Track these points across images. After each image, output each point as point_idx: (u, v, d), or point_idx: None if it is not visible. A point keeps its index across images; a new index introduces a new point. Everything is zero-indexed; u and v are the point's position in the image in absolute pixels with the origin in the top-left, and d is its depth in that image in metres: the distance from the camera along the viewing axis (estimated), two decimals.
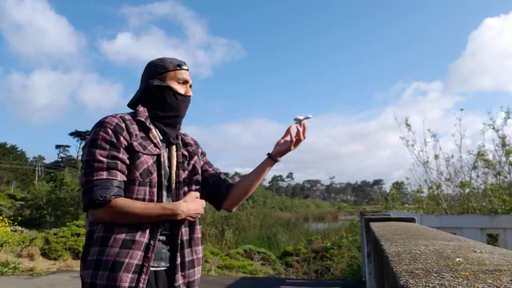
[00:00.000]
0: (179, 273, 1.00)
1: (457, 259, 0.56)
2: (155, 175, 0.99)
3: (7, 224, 7.12)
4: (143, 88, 1.08)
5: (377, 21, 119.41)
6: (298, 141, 1.12)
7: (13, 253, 5.86)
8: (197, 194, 1.06)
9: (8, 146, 39.38)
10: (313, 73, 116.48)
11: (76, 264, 5.76)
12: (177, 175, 1.05)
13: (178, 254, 1.01)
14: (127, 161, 0.96)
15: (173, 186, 1.04)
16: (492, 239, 3.76)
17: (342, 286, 4.73)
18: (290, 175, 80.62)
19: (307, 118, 1.12)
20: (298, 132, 1.11)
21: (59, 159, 50.07)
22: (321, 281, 5.57)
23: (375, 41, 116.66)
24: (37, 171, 39.28)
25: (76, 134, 49.94)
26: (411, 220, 1.88)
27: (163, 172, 1.00)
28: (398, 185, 8.00)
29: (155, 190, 0.98)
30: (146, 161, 0.98)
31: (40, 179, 23.65)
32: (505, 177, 5.21)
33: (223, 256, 7.49)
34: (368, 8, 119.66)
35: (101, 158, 0.93)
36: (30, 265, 5.30)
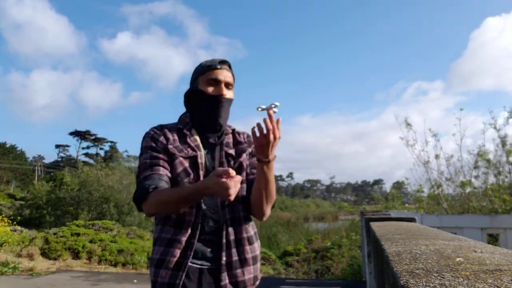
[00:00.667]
0: (225, 272, 1.00)
1: (458, 259, 0.56)
2: (193, 175, 1.02)
3: (6, 224, 7.12)
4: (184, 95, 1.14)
5: (377, 21, 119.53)
6: (268, 133, 0.95)
7: (12, 253, 5.86)
8: (239, 178, 0.93)
9: (7, 145, 39.41)
10: (313, 72, 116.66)
11: (76, 264, 5.76)
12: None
13: (224, 253, 1.00)
14: (168, 160, 1.03)
15: None
16: (493, 239, 3.76)
17: (342, 286, 4.73)
18: (290, 175, 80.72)
19: (273, 106, 0.96)
20: (268, 129, 0.95)
21: (59, 159, 50.08)
22: (321, 281, 5.57)
23: (376, 40, 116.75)
24: (36, 171, 39.32)
25: (76, 133, 49.94)
26: (412, 220, 1.88)
27: (201, 172, 1.03)
28: (398, 185, 8.00)
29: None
30: (182, 162, 1.03)
31: (40, 179, 23.66)
32: (506, 176, 5.21)
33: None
34: (369, 8, 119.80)
35: (146, 161, 1.04)
36: (29, 265, 5.30)
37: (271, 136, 0.96)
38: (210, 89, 1.07)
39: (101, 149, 50.21)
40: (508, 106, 5.39)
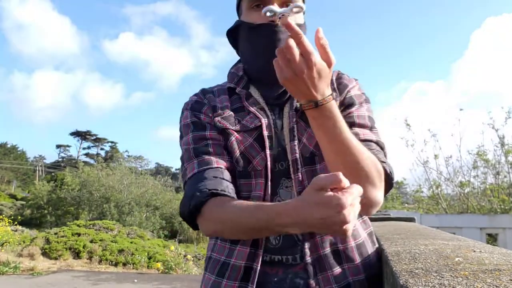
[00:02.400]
0: None
1: (457, 259, 0.57)
2: (258, 158, 0.65)
3: (7, 224, 7.13)
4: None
5: (378, 21, 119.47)
6: (294, 62, 0.51)
7: (13, 253, 5.87)
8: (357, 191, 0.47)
9: (8, 146, 39.42)
10: None
11: (77, 264, 5.77)
12: (292, 152, 0.65)
13: (312, 281, 0.61)
14: (221, 139, 0.67)
15: (291, 169, 0.65)
16: (492, 239, 3.76)
17: None
18: None
19: (292, 9, 0.55)
20: (288, 48, 0.50)
21: (60, 159, 50.08)
22: None
23: (377, 40, 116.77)
24: (37, 171, 39.31)
25: (76, 134, 49.94)
26: (411, 219, 1.88)
27: (268, 152, 0.64)
28: (397, 185, 8.00)
29: (262, 181, 0.64)
30: (240, 140, 0.66)
31: (41, 179, 23.67)
32: (505, 176, 5.22)
33: None
34: (369, 8, 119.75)
35: (188, 147, 0.67)
36: (30, 265, 5.30)
37: (297, 58, 0.50)
38: (255, 17, 0.67)
39: (101, 149, 50.22)
40: (507, 106, 5.39)
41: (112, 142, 49.62)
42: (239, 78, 0.73)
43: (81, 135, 49.74)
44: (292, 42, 0.50)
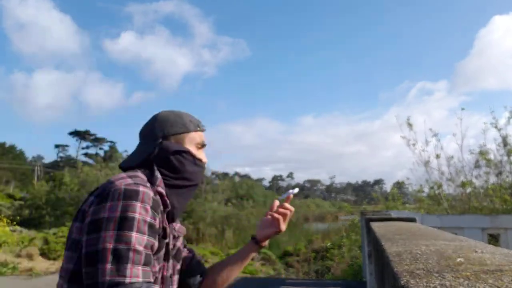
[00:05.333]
0: None
1: (458, 259, 0.56)
2: (161, 268, 0.75)
3: (6, 224, 7.12)
4: (155, 148, 0.80)
5: (382, 20, 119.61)
6: (285, 217, 0.91)
7: (12, 253, 5.86)
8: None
9: (7, 145, 39.47)
10: (316, 72, 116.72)
11: None
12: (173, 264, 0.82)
13: None
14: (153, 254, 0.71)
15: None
16: (493, 239, 3.75)
17: (342, 286, 4.73)
18: (290, 175, 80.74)
19: (292, 193, 0.96)
20: (284, 215, 0.90)
21: (58, 159, 50.14)
22: (321, 281, 5.57)
23: (381, 40, 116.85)
24: (36, 171, 39.35)
25: (75, 133, 50.01)
26: (412, 220, 1.87)
27: (170, 263, 0.78)
28: (399, 185, 8.00)
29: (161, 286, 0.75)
30: (160, 256, 0.74)
31: (39, 179, 23.69)
32: (507, 176, 5.21)
33: (223, 256, 7.50)
34: (373, 6, 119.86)
35: (141, 249, 0.64)
36: (29, 265, 5.30)
37: (283, 227, 0.91)
38: (199, 154, 0.86)
39: (100, 149, 50.27)
40: (509, 106, 5.38)
41: (111, 142, 49.67)
42: (161, 194, 0.76)
43: (80, 135, 49.82)
44: (287, 213, 0.93)
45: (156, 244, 0.68)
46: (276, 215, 0.91)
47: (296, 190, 0.98)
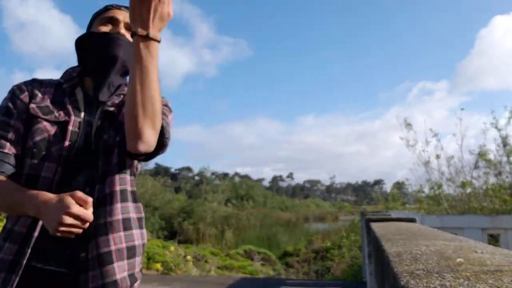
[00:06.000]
0: (85, 274, 0.73)
1: (458, 260, 0.56)
2: (56, 147, 0.76)
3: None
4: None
5: (383, 20, 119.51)
6: None
7: None
8: (89, 199, 0.69)
9: None
10: (317, 72, 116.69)
11: None
12: (94, 144, 0.79)
13: (85, 247, 0.74)
14: (21, 129, 0.78)
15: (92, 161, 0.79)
16: (493, 240, 3.75)
17: (342, 287, 4.73)
18: (290, 175, 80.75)
19: None
20: None
21: None
22: (321, 282, 5.57)
23: (381, 40, 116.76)
24: None
25: None
26: (412, 220, 1.87)
27: (66, 143, 0.77)
28: (398, 185, 8.00)
29: (51, 165, 0.76)
30: (46, 128, 0.77)
31: None
32: (507, 177, 5.21)
33: (223, 257, 7.50)
34: (374, 6, 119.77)
35: (4, 120, 0.79)
36: None
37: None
38: (106, 28, 0.86)
39: None
40: (510, 106, 5.38)
41: None
42: (71, 78, 0.86)
43: None
44: None
45: (15, 121, 0.79)
46: None
47: None
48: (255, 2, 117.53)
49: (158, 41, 0.73)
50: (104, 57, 0.83)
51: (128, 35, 0.86)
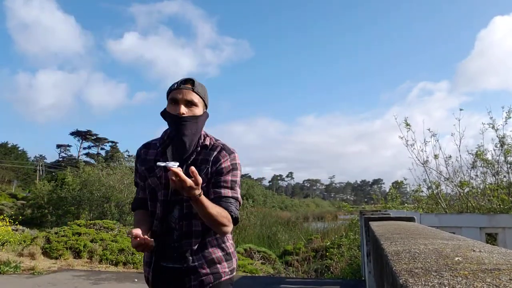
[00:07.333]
0: (188, 272, 1.20)
1: (456, 258, 0.57)
2: (160, 193, 1.21)
3: (8, 224, 7.13)
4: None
5: (383, 20, 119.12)
6: (172, 181, 1.03)
7: (14, 252, 5.87)
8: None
9: (9, 145, 39.37)
10: (318, 72, 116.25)
11: (77, 263, 5.77)
12: (178, 193, 1.15)
13: (187, 258, 1.21)
14: (142, 183, 1.27)
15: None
16: (491, 238, 3.76)
17: (341, 285, 4.74)
18: (290, 175, 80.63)
19: (172, 165, 1.03)
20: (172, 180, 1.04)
21: (60, 159, 50.03)
22: (321, 280, 5.58)
23: (382, 40, 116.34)
24: (38, 171, 39.26)
25: (77, 133, 49.88)
26: (411, 219, 1.88)
27: (163, 191, 1.21)
28: (397, 185, 8.00)
29: (159, 205, 1.21)
30: (151, 182, 1.23)
31: (41, 179, 23.64)
32: (504, 176, 5.21)
33: None
34: (374, 6, 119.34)
35: (135, 180, 1.34)
36: (31, 264, 5.30)
37: (174, 184, 1.04)
38: (172, 109, 1.18)
39: (102, 149, 50.20)
40: (507, 106, 5.38)
41: (112, 142, 49.57)
42: (163, 141, 1.24)
43: (82, 135, 49.67)
44: (175, 177, 1.02)
45: (139, 181, 1.30)
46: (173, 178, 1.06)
47: (176, 164, 1.06)
48: (257, 3, 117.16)
49: (198, 196, 1.08)
50: (175, 133, 1.18)
51: (189, 110, 1.18)
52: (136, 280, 4.75)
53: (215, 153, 1.20)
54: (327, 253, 7.47)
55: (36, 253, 5.82)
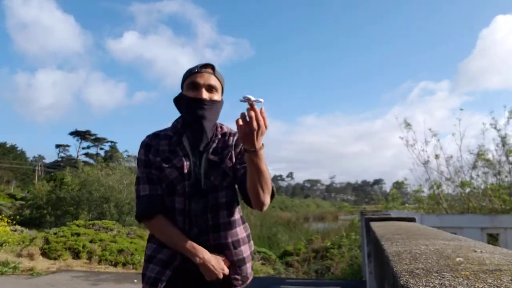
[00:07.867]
0: None
1: (458, 259, 0.56)
2: (179, 186, 1.08)
3: (6, 224, 7.12)
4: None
5: (384, 20, 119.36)
6: (251, 121, 0.94)
7: (13, 253, 5.86)
8: (222, 263, 1.07)
9: (8, 145, 39.41)
10: (319, 72, 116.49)
11: (76, 264, 5.76)
12: (205, 183, 1.09)
13: None
14: (157, 176, 1.10)
15: (202, 193, 1.10)
16: (493, 239, 3.75)
17: (342, 286, 4.73)
18: (290, 175, 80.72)
19: (258, 101, 0.94)
20: (250, 117, 0.94)
21: (59, 159, 50.05)
22: (321, 281, 5.57)
23: (383, 40, 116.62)
24: (37, 171, 39.29)
25: (76, 133, 49.92)
26: (412, 219, 1.88)
27: (186, 183, 1.08)
28: (398, 185, 7.99)
29: (180, 199, 1.09)
30: (169, 174, 1.08)
31: (40, 179, 23.66)
32: (506, 176, 5.21)
33: None
34: (376, 6, 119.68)
35: (143, 175, 1.11)
36: (30, 265, 5.30)
37: (254, 124, 0.93)
38: (191, 93, 1.10)
39: (101, 149, 50.24)
40: (509, 106, 5.38)
41: (111, 142, 49.61)
42: (177, 130, 1.14)
43: (81, 135, 49.72)
44: (252, 114, 0.94)
45: (154, 170, 1.10)
46: (240, 121, 0.95)
47: (262, 100, 0.94)
48: (257, 2, 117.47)
49: (262, 148, 0.99)
50: (195, 117, 1.09)
51: (210, 95, 1.11)
52: (135, 281, 4.74)
53: (234, 137, 1.15)
54: (328, 254, 7.46)
55: (35, 253, 5.81)
